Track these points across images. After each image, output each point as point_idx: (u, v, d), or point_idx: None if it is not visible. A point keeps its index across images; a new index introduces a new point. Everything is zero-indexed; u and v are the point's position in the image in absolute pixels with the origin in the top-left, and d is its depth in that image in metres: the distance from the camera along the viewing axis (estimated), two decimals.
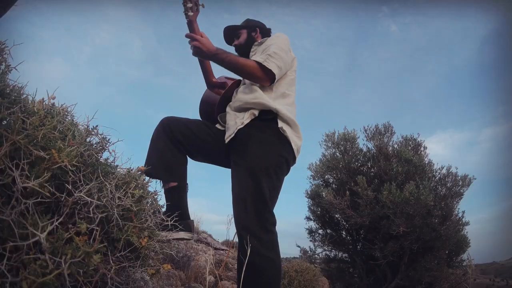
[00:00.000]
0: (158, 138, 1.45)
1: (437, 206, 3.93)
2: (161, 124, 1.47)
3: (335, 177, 4.79)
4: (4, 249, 0.65)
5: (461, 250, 4.12)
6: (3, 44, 0.85)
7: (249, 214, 1.28)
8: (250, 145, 1.36)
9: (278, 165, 1.37)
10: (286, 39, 1.53)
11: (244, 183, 1.32)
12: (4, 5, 1.00)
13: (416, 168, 4.18)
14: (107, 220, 0.87)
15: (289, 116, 1.41)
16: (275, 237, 1.31)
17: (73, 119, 0.99)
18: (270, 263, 1.24)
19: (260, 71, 1.39)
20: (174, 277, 2.13)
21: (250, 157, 1.34)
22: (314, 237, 4.95)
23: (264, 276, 1.22)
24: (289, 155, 1.41)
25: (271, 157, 1.35)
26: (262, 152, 1.35)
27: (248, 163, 1.33)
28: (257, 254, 1.20)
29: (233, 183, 1.38)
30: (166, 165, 1.41)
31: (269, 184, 1.33)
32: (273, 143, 1.37)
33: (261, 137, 1.37)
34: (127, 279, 1.04)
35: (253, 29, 1.69)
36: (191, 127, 1.48)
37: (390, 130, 4.73)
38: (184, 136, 1.45)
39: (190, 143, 1.46)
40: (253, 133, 1.38)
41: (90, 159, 0.92)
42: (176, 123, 1.46)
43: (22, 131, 0.73)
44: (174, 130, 1.44)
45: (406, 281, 3.93)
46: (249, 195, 1.29)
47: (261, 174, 1.31)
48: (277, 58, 1.40)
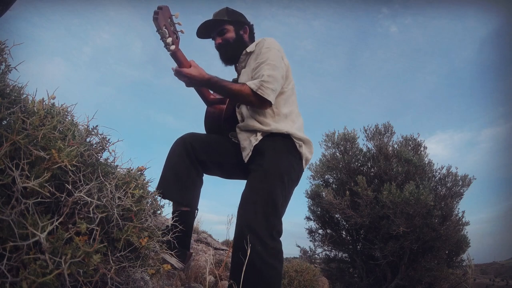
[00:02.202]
0: (176, 155, 1.39)
1: (437, 206, 3.93)
2: (182, 140, 1.41)
3: (335, 177, 4.79)
4: (4, 249, 0.65)
5: (461, 250, 4.11)
6: (3, 44, 0.85)
7: (257, 217, 1.22)
8: (266, 152, 1.35)
9: (291, 175, 1.36)
10: (277, 50, 1.40)
11: (258, 187, 1.28)
12: (4, 5, 1.00)
13: (416, 168, 4.18)
14: (107, 220, 0.87)
15: (302, 136, 1.41)
16: (280, 246, 1.27)
17: (73, 119, 0.99)
18: (272, 270, 1.19)
19: (255, 98, 1.32)
20: (174, 277, 2.13)
21: (266, 163, 1.32)
22: (314, 237, 4.95)
23: (265, 282, 1.18)
24: (300, 169, 1.41)
25: (286, 166, 1.34)
26: (278, 160, 1.33)
27: (264, 168, 1.31)
28: (260, 258, 1.16)
29: (247, 186, 1.34)
30: (180, 187, 1.35)
31: (283, 191, 1.30)
32: (288, 153, 1.37)
33: (276, 146, 1.37)
34: (127, 279, 1.03)
35: (241, 27, 1.54)
36: (212, 144, 1.44)
37: (390, 130, 4.74)
38: (207, 154, 1.41)
39: (211, 160, 1.42)
40: (268, 143, 1.37)
41: (90, 159, 0.92)
42: (198, 141, 1.41)
43: (22, 131, 0.73)
44: (196, 147, 1.39)
45: (406, 281, 3.93)
46: (260, 199, 1.24)
47: (276, 179, 1.28)
48: (271, 81, 1.31)
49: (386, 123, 4.78)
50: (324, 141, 4.96)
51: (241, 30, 1.54)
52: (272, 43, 1.42)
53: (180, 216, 1.31)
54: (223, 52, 1.53)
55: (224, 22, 1.49)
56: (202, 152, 1.40)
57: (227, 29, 1.50)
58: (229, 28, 1.50)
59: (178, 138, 1.44)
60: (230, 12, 1.52)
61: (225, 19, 1.50)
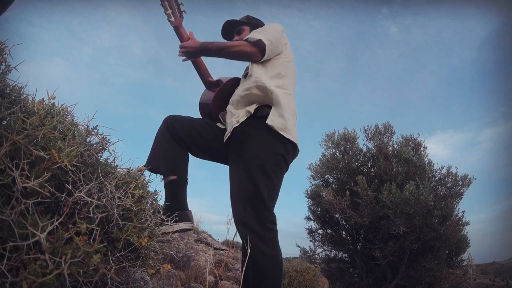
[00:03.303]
0: (161, 135, 1.47)
1: (437, 206, 3.93)
2: (164, 122, 1.50)
3: (335, 177, 4.79)
4: (4, 249, 0.65)
5: (461, 250, 4.11)
6: (3, 44, 0.85)
7: (248, 213, 1.27)
8: (246, 144, 1.36)
9: (275, 163, 1.35)
10: (279, 26, 1.54)
11: (242, 183, 1.32)
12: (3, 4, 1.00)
13: (416, 168, 4.18)
14: (107, 220, 0.87)
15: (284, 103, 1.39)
16: (276, 235, 1.31)
17: (73, 119, 0.99)
18: (273, 261, 1.24)
19: (249, 46, 1.41)
20: (174, 277, 2.13)
21: (247, 155, 1.33)
22: (314, 237, 4.95)
23: (268, 274, 1.22)
24: (286, 151, 1.38)
25: (267, 155, 1.33)
26: (258, 151, 1.34)
27: (244, 162, 1.33)
28: (260, 252, 1.21)
29: (231, 181, 1.38)
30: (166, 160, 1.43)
31: (268, 183, 1.32)
32: (269, 140, 1.35)
33: (256, 134, 1.36)
34: (127, 279, 1.04)
35: (255, 28, 1.66)
36: (194, 125, 1.50)
37: (390, 130, 4.74)
38: (186, 133, 1.47)
39: (191, 140, 1.48)
40: (248, 130, 1.37)
41: (90, 159, 0.92)
42: (179, 121, 1.49)
43: (22, 131, 0.73)
44: (176, 127, 1.46)
45: (406, 281, 3.93)
46: (246, 195, 1.29)
47: (258, 173, 1.30)
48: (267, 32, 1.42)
49: (386, 123, 4.78)
50: (324, 141, 4.97)
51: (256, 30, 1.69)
52: (275, 23, 1.56)
53: (170, 184, 1.41)
54: None
55: (241, 23, 1.69)
56: (181, 131, 1.47)
57: (243, 29, 1.68)
58: (245, 28, 1.68)
59: (163, 121, 1.52)
60: (249, 18, 1.74)
61: (241, 21, 1.70)
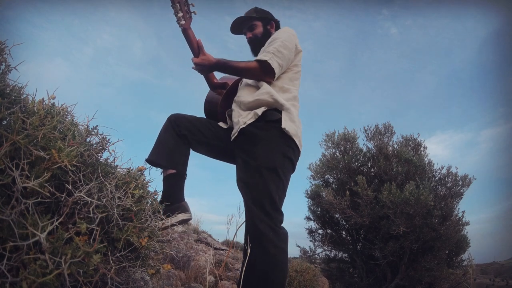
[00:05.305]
0: (165, 131, 1.50)
1: (437, 206, 3.93)
2: (168, 119, 1.54)
3: (335, 177, 4.79)
4: (4, 249, 0.65)
5: (461, 250, 4.11)
6: (3, 44, 0.85)
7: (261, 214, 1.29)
8: (256, 146, 1.38)
9: (285, 165, 1.39)
10: (291, 34, 1.54)
11: (252, 183, 1.34)
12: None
13: (416, 168, 4.18)
14: (107, 220, 0.87)
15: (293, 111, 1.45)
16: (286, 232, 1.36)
17: (73, 119, 0.99)
18: (283, 254, 1.29)
19: (261, 70, 1.43)
20: (174, 277, 2.13)
21: (258, 158, 1.35)
22: (314, 237, 4.95)
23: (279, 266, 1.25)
24: (294, 153, 1.43)
25: (278, 158, 1.37)
26: (270, 153, 1.36)
27: (256, 163, 1.35)
28: (272, 243, 1.24)
29: (242, 182, 1.39)
30: (168, 154, 1.46)
31: (278, 184, 1.35)
32: (280, 143, 1.39)
33: (267, 137, 1.39)
34: (127, 279, 1.04)
35: (268, 22, 1.70)
36: (196, 124, 1.54)
37: (390, 130, 4.74)
38: (189, 131, 1.50)
39: (194, 137, 1.52)
40: (258, 133, 1.39)
41: (90, 159, 0.92)
42: (182, 119, 1.53)
43: (22, 131, 0.73)
44: (180, 124, 1.50)
45: (406, 281, 3.93)
46: (259, 197, 1.31)
47: (269, 175, 1.33)
48: (279, 56, 1.44)
49: (386, 123, 4.78)
50: (324, 141, 4.97)
51: (268, 25, 1.70)
52: (288, 28, 1.57)
53: (168, 178, 1.44)
54: (253, 45, 1.69)
55: (253, 18, 1.67)
56: (185, 128, 1.50)
57: (256, 25, 1.67)
58: (257, 23, 1.68)
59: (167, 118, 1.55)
60: (258, 10, 1.70)
61: (254, 16, 1.67)
